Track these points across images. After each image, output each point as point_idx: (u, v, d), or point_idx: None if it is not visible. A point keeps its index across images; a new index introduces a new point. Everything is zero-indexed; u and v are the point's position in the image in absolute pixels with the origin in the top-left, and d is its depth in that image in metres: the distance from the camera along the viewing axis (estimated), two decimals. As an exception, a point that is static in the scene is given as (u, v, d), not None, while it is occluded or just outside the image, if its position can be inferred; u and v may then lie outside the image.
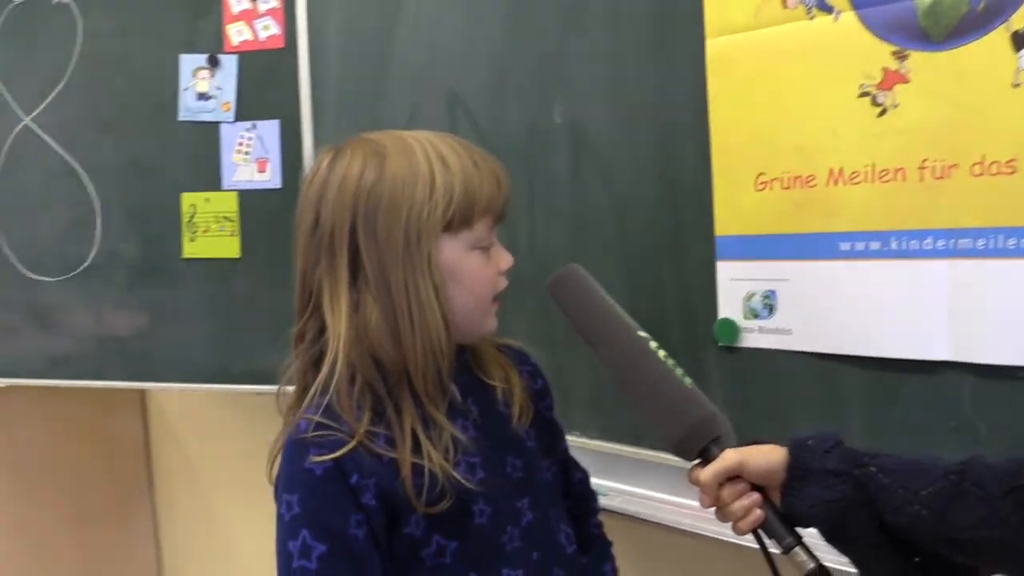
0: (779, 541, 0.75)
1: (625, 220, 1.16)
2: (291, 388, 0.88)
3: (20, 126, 1.82)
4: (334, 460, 0.79)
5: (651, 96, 1.12)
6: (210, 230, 1.71)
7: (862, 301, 0.96)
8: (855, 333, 0.97)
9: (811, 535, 0.75)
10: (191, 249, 1.72)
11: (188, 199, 1.71)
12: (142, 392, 2.58)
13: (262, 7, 1.63)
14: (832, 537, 0.74)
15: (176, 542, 2.58)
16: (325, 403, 0.82)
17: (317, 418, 0.81)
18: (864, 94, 0.92)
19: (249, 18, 1.64)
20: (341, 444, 0.80)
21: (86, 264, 1.80)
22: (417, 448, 0.81)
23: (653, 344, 0.81)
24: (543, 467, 0.96)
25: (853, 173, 0.94)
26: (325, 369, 0.82)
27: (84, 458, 2.49)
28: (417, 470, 0.80)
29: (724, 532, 0.99)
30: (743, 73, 1.02)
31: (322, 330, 0.84)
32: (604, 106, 1.17)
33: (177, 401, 2.48)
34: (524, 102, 1.25)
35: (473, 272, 0.85)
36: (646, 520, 1.19)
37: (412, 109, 1.41)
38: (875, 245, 0.94)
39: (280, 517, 0.80)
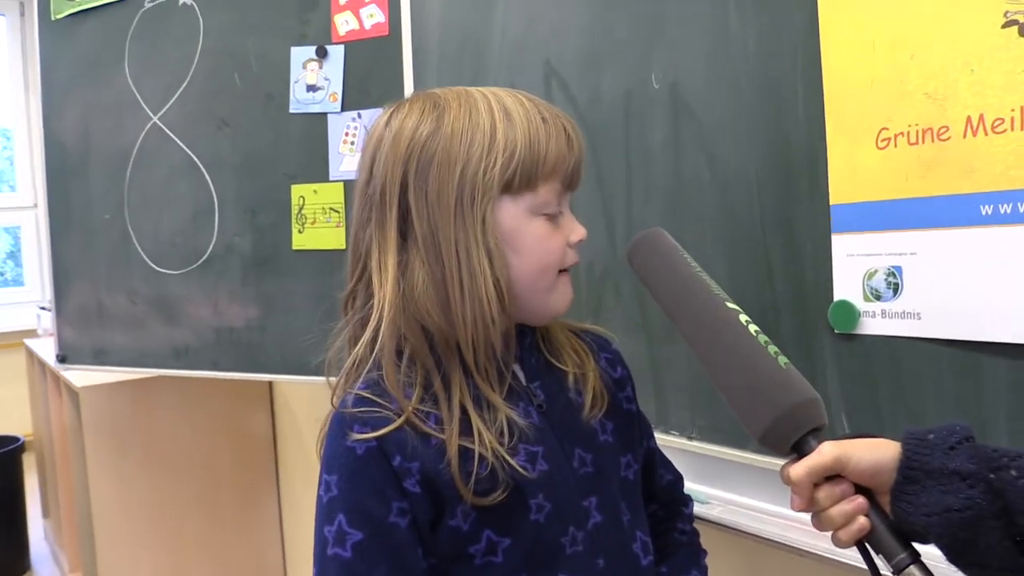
0: (888, 558, 0.61)
1: (728, 191, 1.04)
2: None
3: (149, 125, 1.91)
4: (377, 439, 0.72)
5: (756, 48, 0.99)
6: (317, 221, 1.72)
7: (1009, 277, 0.79)
8: (1000, 316, 0.80)
9: (932, 555, 0.60)
10: (300, 240, 1.74)
11: (298, 191, 1.73)
12: (270, 384, 2.66)
13: (368, -6, 1.62)
14: (956, 556, 0.59)
15: (299, 534, 2.62)
16: (374, 378, 0.76)
17: (364, 393, 0.75)
18: (1010, 23, 0.76)
19: (355, 7, 1.64)
20: (386, 422, 0.73)
21: (205, 257, 1.85)
22: (468, 429, 0.73)
23: (744, 318, 0.70)
24: (619, 465, 0.85)
25: (996, 120, 0.78)
26: (367, 334, 0.76)
27: (219, 446, 2.60)
28: (467, 454, 0.73)
29: (839, 552, 0.85)
30: (861, 9, 0.87)
31: (372, 296, 0.78)
32: (704, 64, 1.05)
33: (297, 393, 2.53)
34: (620, 68, 1.15)
35: (534, 241, 0.76)
36: (750, 533, 1.05)
37: (509, 86, 1.34)
38: (1025, 207, 0.77)
39: (319, 499, 0.74)
